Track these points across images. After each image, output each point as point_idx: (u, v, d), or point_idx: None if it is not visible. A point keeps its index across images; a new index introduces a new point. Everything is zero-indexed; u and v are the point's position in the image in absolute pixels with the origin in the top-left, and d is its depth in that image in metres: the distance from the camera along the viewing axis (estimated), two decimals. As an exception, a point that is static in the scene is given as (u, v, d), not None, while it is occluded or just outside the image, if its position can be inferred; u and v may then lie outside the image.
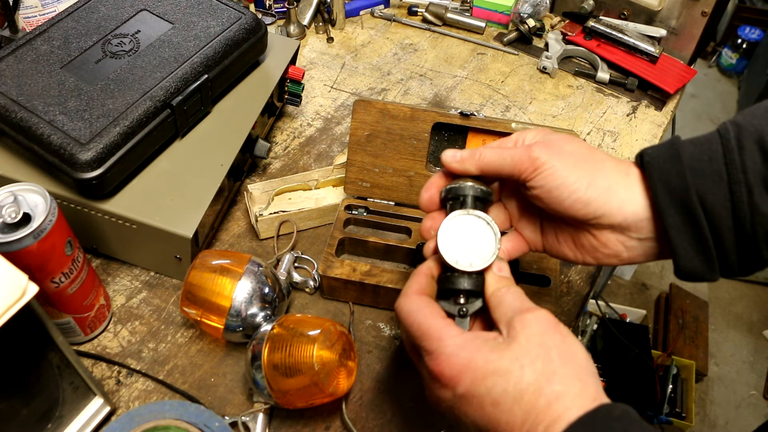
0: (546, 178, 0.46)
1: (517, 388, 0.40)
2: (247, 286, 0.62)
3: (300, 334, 0.57)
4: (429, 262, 0.49)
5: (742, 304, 2.11)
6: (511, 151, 0.48)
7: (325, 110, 0.95)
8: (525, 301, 0.45)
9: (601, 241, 0.48)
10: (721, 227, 0.43)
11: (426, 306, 0.45)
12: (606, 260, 0.50)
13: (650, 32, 1.05)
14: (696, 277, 0.46)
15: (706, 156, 0.44)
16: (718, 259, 0.45)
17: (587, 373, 0.41)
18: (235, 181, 0.80)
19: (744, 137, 0.43)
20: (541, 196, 0.47)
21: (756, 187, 0.42)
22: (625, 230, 0.47)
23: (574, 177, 0.46)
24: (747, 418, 1.83)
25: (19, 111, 0.64)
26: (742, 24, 2.81)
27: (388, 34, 1.11)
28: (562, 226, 0.51)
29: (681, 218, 0.44)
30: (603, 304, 1.79)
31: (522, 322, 0.42)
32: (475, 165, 0.49)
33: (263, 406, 0.60)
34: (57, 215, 0.55)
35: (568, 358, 0.41)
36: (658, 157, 0.46)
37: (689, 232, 0.44)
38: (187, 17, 0.76)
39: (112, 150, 0.64)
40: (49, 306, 0.60)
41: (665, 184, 0.44)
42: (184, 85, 0.70)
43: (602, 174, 0.47)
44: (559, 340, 0.42)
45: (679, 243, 0.45)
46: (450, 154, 0.50)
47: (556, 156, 0.46)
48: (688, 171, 0.44)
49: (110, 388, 0.64)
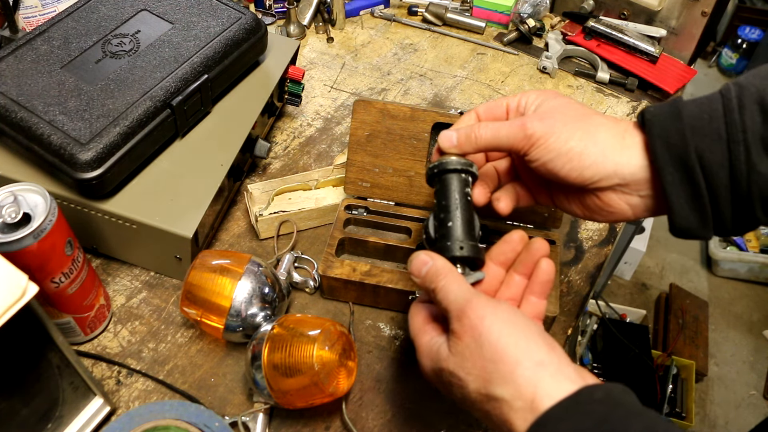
0: (541, 151, 0.48)
1: (466, 395, 0.43)
2: (247, 286, 0.62)
3: (300, 334, 0.57)
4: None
5: (742, 304, 2.11)
6: (507, 129, 0.50)
7: (325, 110, 0.95)
8: (456, 300, 0.45)
9: (605, 201, 0.50)
10: (718, 185, 0.44)
11: (416, 315, 0.50)
12: (613, 218, 0.51)
13: (650, 32, 1.05)
14: (690, 233, 0.47)
15: (707, 115, 0.45)
16: (712, 217, 0.46)
17: (548, 360, 0.40)
18: (235, 181, 0.80)
19: (745, 97, 0.43)
20: (539, 168, 0.49)
21: (754, 146, 0.43)
22: (625, 189, 0.49)
23: (567, 147, 0.48)
24: (747, 418, 1.82)
25: (19, 111, 0.64)
26: (742, 24, 2.81)
27: (388, 34, 1.11)
28: (568, 189, 0.53)
29: (679, 175, 0.45)
30: (603, 304, 1.79)
31: (461, 323, 0.43)
32: (472, 147, 0.51)
33: (263, 406, 0.60)
34: (57, 215, 0.55)
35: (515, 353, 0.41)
36: (659, 115, 0.47)
37: (686, 189, 0.45)
38: (187, 17, 0.76)
39: (112, 150, 0.64)
40: (49, 306, 0.60)
41: (665, 142, 0.45)
42: (184, 85, 0.70)
43: (595, 141, 0.48)
44: (500, 335, 0.42)
45: (676, 200, 0.46)
46: (446, 138, 0.52)
47: (550, 128, 0.48)
48: (688, 129, 0.45)
49: (110, 388, 0.64)
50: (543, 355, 0.40)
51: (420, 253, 0.48)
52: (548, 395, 0.38)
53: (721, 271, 2.15)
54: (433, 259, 0.47)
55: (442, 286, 0.46)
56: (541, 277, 0.50)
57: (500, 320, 0.42)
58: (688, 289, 2.06)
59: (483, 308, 0.42)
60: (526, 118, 0.49)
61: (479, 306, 0.43)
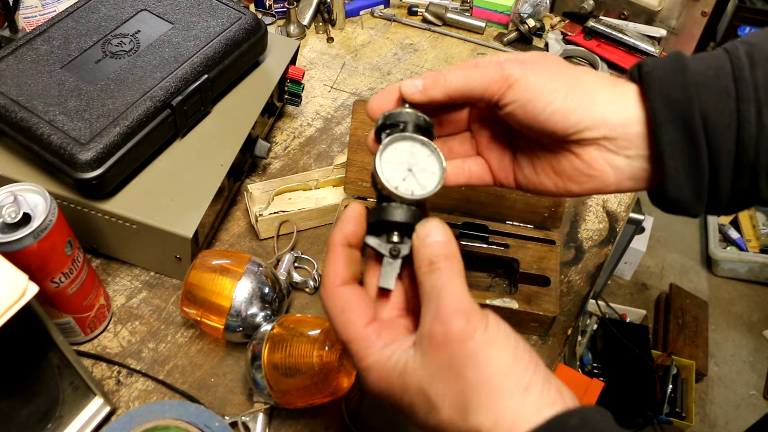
0: (519, 92, 0.41)
1: (435, 422, 0.36)
2: (247, 286, 0.62)
3: (300, 334, 0.57)
4: (343, 224, 0.41)
5: (742, 304, 2.11)
6: (481, 70, 0.43)
7: (325, 110, 0.95)
8: (451, 298, 0.36)
9: (584, 160, 0.43)
10: (720, 150, 0.39)
11: (345, 309, 0.40)
12: (590, 185, 0.44)
13: (650, 32, 1.05)
14: (679, 206, 0.42)
15: (712, 71, 0.39)
16: (708, 189, 0.41)
17: (533, 383, 0.35)
18: (235, 181, 0.80)
19: (757, 53, 0.39)
20: (515, 112, 0.42)
21: (766, 106, 0.38)
22: (611, 145, 0.42)
23: (550, 87, 0.41)
24: (747, 418, 1.82)
25: (19, 111, 0.64)
26: (742, 24, 2.80)
27: (388, 34, 1.11)
28: (539, 153, 0.46)
29: (679, 135, 0.40)
30: (603, 304, 1.79)
31: (432, 341, 0.36)
32: (440, 91, 0.43)
33: (263, 406, 0.60)
34: (57, 215, 0.55)
35: (491, 376, 0.35)
36: (659, 68, 0.41)
37: (685, 151, 0.40)
38: (187, 17, 0.76)
39: (112, 150, 0.64)
40: (49, 306, 0.60)
41: (665, 96, 0.40)
42: (184, 85, 0.70)
43: (583, 84, 0.42)
44: (479, 356, 0.35)
45: (672, 163, 0.40)
46: (410, 83, 0.44)
47: (530, 70, 0.42)
48: (692, 85, 0.39)
49: (110, 388, 0.64)
50: (528, 377, 0.35)
51: (433, 221, 0.39)
52: (527, 421, 0.34)
53: (721, 271, 2.15)
54: (446, 236, 0.39)
55: (444, 271, 0.37)
56: None
57: (489, 338, 0.35)
58: (688, 289, 2.06)
59: (476, 322, 0.35)
60: (504, 60, 0.43)
61: (472, 319, 0.35)
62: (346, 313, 0.39)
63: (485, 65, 0.43)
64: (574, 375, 1.07)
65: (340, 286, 0.40)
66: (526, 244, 0.72)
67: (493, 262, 0.74)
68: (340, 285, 0.40)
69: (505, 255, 0.71)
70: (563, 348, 0.70)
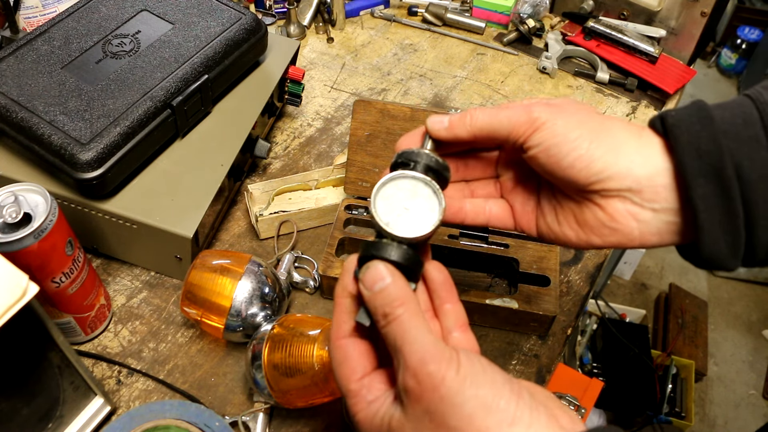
0: (545, 135, 0.41)
1: None
2: (247, 286, 0.62)
3: (300, 333, 0.57)
4: (344, 275, 0.41)
5: (741, 304, 2.11)
6: (508, 111, 0.42)
7: (325, 110, 0.96)
8: (415, 348, 0.35)
9: (608, 213, 0.42)
10: (756, 202, 0.37)
11: (342, 362, 0.40)
12: (613, 239, 0.42)
13: (650, 32, 1.05)
14: (714, 263, 0.39)
15: (740, 120, 0.38)
16: (745, 242, 0.38)
17: (518, 416, 0.34)
18: (236, 181, 0.80)
19: None
20: (539, 156, 0.42)
21: None
22: (637, 197, 0.40)
23: (576, 133, 0.40)
24: (746, 418, 1.83)
25: (19, 111, 0.64)
26: (741, 24, 2.81)
27: (388, 35, 1.11)
28: (563, 202, 0.45)
29: (711, 188, 0.37)
30: (603, 304, 1.79)
31: (408, 395, 0.35)
32: (466, 130, 0.43)
33: (263, 405, 0.60)
34: (57, 215, 0.55)
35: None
36: (684, 119, 0.39)
37: (720, 205, 0.37)
38: (187, 17, 0.76)
39: (112, 150, 0.64)
40: (50, 306, 0.60)
41: (695, 149, 0.38)
42: (184, 85, 0.70)
43: (609, 133, 0.41)
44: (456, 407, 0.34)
45: (707, 218, 0.38)
46: (437, 119, 0.43)
47: (558, 115, 0.41)
48: (721, 135, 0.37)
49: (110, 387, 0.64)
50: (512, 410, 0.34)
51: (378, 265, 0.38)
52: None
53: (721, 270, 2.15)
54: (393, 277, 0.37)
55: (401, 320, 0.36)
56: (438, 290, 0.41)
57: (463, 379, 0.34)
58: (688, 289, 2.06)
59: (446, 366, 0.34)
60: (533, 103, 0.42)
61: (442, 362, 0.34)
62: (342, 367, 0.40)
63: (514, 107, 0.42)
64: (573, 375, 1.07)
65: (342, 338, 0.40)
66: (525, 244, 0.72)
67: (493, 261, 0.74)
68: (342, 337, 0.40)
69: (504, 255, 0.71)
70: (563, 348, 0.70)
